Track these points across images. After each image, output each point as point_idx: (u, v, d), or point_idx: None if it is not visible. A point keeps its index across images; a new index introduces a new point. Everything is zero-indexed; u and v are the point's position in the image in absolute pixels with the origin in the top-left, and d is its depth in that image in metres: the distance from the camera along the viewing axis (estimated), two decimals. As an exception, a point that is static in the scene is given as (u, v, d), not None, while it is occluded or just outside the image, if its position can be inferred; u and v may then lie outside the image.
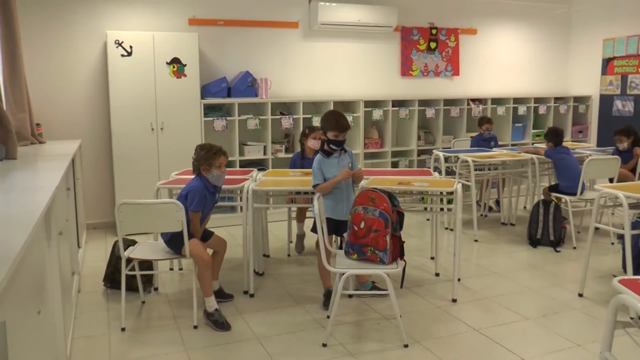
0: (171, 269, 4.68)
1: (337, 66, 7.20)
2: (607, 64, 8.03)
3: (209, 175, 3.76)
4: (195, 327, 3.60)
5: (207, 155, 3.73)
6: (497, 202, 6.83)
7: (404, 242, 3.46)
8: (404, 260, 3.46)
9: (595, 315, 3.79)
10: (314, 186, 3.74)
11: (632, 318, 2.57)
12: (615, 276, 2.16)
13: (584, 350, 3.29)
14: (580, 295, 4.15)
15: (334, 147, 3.75)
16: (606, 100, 8.07)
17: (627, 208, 3.78)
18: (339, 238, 4.07)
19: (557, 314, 3.85)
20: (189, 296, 3.81)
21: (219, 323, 3.59)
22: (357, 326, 3.64)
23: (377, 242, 3.36)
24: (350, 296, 4.07)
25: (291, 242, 5.36)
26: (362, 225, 3.40)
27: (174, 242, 3.71)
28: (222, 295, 4.03)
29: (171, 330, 3.59)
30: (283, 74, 6.91)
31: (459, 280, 4.30)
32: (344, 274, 3.34)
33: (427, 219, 6.11)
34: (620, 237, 3.98)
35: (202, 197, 3.74)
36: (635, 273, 3.98)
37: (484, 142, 6.77)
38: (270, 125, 6.48)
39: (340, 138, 3.73)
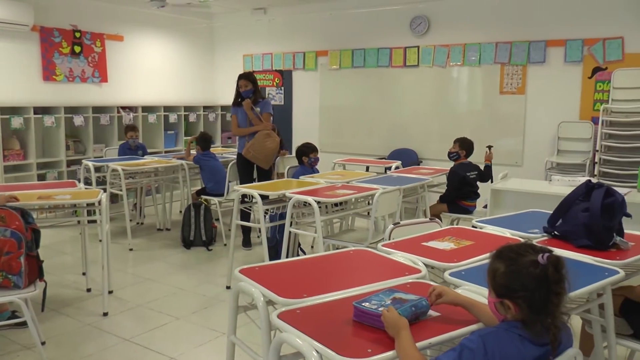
0: None
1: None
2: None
3: None
4: None
5: None
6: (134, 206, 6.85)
7: (42, 261, 3.25)
8: (44, 281, 3.26)
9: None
10: None
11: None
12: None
13: (228, 338, 3.62)
14: (228, 287, 4.52)
15: None
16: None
17: (261, 204, 4.28)
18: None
19: (206, 309, 4.13)
20: None
21: None
22: (-7, 363, 3.28)
23: (9, 265, 3.07)
24: (-16, 330, 3.64)
25: None
26: (-7, 248, 3.07)
27: None
28: None
29: None
30: None
31: (110, 292, 4.24)
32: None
33: (80, 233, 5.83)
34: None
35: None
36: (272, 259, 4.54)
37: (130, 150, 6.71)
38: None
39: None
